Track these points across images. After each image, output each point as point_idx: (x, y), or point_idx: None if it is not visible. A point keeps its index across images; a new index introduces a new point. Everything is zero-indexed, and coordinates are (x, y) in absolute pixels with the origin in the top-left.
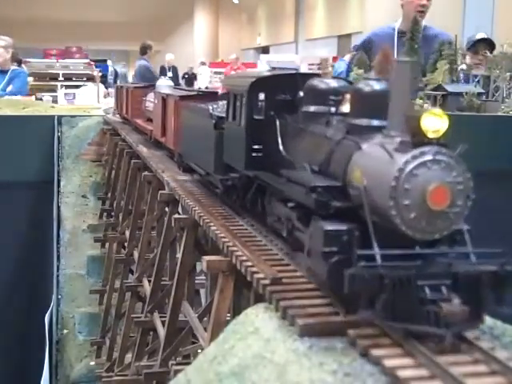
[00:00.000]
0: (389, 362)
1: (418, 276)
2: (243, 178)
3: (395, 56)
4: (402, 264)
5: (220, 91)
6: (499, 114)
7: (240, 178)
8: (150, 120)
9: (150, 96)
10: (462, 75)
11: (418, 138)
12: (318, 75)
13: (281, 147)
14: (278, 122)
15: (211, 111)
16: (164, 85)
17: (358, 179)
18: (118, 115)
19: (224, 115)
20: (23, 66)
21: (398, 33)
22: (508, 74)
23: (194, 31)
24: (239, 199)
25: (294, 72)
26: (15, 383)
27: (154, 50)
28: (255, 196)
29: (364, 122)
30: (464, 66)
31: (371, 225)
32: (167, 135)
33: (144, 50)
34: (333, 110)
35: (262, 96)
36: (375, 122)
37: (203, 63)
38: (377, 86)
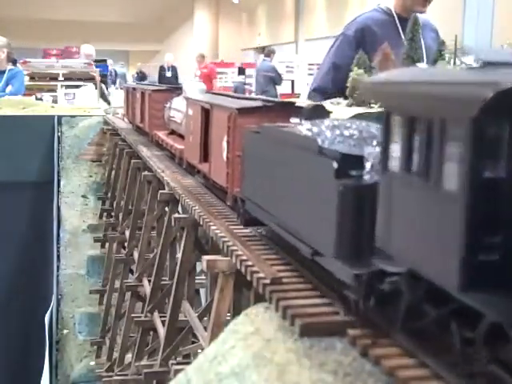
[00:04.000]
0: (389, 362)
1: None
2: (415, 282)
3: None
4: None
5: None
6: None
7: (408, 281)
8: (175, 133)
9: (178, 102)
10: None
11: None
12: None
13: None
14: None
15: (321, 142)
16: (195, 88)
17: None
18: (125, 119)
19: (347, 151)
20: (18, 65)
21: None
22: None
23: (194, 31)
24: (396, 314)
25: None
26: (15, 383)
27: (153, 49)
28: (442, 319)
29: None
30: (464, 66)
31: None
32: (213, 164)
33: (268, 53)
34: None
35: (503, 128)
36: None
37: (203, 56)
38: None
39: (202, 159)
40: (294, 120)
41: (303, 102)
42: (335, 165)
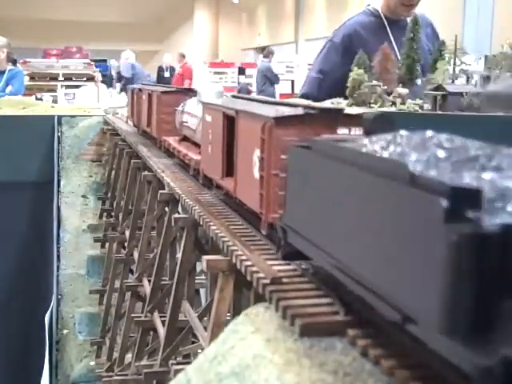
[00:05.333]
0: (389, 362)
1: None
2: None
3: (396, 49)
4: None
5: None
6: (499, 114)
7: None
8: (188, 140)
9: (192, 106)
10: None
11: None
12: None
13: None
14: None
15: (413, 168)
16: (211, 90)
17: None
18: (129, 122)
19: (457, 183)
20: (18, 65)
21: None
22: (508, 73)
23: (193, 31)
24: None
25: None
26: (15, 383)
27: (153, 49)
28: None
29: None
30: (464, 66)
31: None
32: (240, 181)
33: (267, 54)
34: None
35: None
36: None
37: (183, 56)
38: None
39: (224, 174)
40: (341, 131)
41: (355, 108)
42: (444, 203)
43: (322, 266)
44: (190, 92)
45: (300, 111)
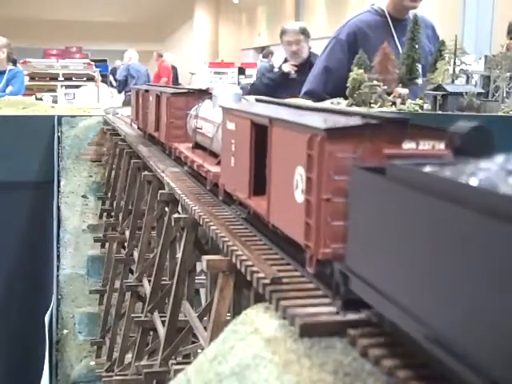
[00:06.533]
0: (389, 362)
1: None
2: None
3: (399, 48)
4: None
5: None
6: (499, 114)
7: None
8: (200, 147)
9: (207, 110)
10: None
11: None
12: None
13: None
14: None
15: None
16: (228, 93)
17: None
18: (133, 125)
19: None
20: (18, 65)
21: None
22: (508, 73)
23: (193, 31)
24: None
25: None
26: (15, 383)
27: (153, 49)
28: None
29: None
30: (464, 66)
31: None
32: (274, 204)
33: (266, 54)
34: None
35: None
36: None
37: (160, 55)
38: None
39: (252, 192)
40: (407, 145)
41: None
42: None
43: (406, 331)
44: (204, 94)
45: (358, 121)
